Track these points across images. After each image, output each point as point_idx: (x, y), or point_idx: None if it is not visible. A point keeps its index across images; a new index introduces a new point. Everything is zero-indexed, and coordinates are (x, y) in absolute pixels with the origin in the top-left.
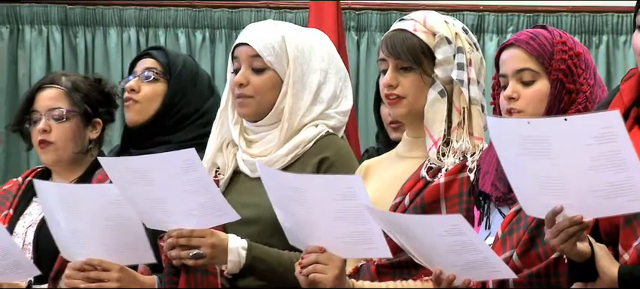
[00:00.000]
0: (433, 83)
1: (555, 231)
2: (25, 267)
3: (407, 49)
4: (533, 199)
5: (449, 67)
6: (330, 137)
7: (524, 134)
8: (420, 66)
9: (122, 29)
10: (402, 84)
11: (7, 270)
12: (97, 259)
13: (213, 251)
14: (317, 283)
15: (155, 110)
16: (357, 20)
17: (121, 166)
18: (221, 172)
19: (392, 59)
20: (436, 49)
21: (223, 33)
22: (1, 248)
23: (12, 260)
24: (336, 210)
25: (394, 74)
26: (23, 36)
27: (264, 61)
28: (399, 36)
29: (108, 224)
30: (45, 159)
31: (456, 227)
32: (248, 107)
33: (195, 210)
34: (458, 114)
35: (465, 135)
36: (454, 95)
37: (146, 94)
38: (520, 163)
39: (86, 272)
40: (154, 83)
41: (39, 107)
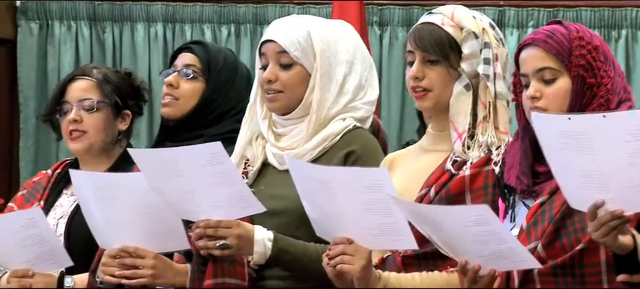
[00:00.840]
0: (459, 77)
1: (597, 225)
2: (59, 257)
3: (434, 42)
4: (576, 192)
5: (475, 62)
6: (357, 131)
7: (565, 129)
8: (446, 59)
9: (149, 24)
10: (428, 76)
11: (41, 258)
12: (133, 246)
13: (240, 241)
14: (344, 274)
15: (192, 107)
16: (380, 15)
17: (149, 158)
18: (250, 164)
19: (419, 52)
20: (463, 43)
21: (248, 28)
22: (38, 235)
23: (48, 247)
24: (363, 201)
25: (421, 66)
26: (52, 31)
27: (291, 56)
28: (427, 29)
29: (144, 211)
30: (75, 148)
31: (482, 218)
32: (278, 102)
33: (221, 201)
34: (483, 108)
35: (490, 129)
36: (480, 89)
37: (184, 91)
38: (563, 157)
39: (121, 259)
40: (193, 81)
41: (70, 98)
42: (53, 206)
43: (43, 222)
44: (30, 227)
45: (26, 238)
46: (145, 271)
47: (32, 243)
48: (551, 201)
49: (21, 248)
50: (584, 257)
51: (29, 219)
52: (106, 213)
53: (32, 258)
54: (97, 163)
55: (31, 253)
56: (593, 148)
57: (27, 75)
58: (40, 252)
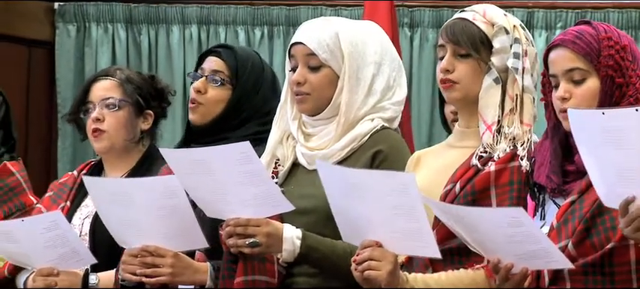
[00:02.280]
0: (489, 70)
1: (628, 221)
2: (83, 256)
3: (466, 36)
4: (609, 189)
5: (505, 56)
6: (385, 131)
7: (600, 124)
8: (477, 53)
9: (184, 26)
10: (458, 69)
11: (65, 258)
12: (153, 246)
13: (269, 239)
14: (372, 280)
15: (218, 113)
16: (410, 17)
17: (181, 157)
18: (280, 164)
19: (450, 45)
20: (494, 38)
21: (281, 29)
22: (61, 236)
23: (70, 248)
24: (391, 205)
25: (451, 59)
26: (90, 33)
27: (320, 58)
28: (459, 24)
29: (159, 214)
30: (98, 147)
31: (517, 220)
32: (307, 103)
33: (251, 200)
34: (510, 101)
35: (516, 122)
36: (508, 83)
37: (211, 98)
38: (597, 154)
39: (142, 258)
40: (220, 88)
41: (93, 97)
42: (79, 206)
43: (65, 224)
44: (53, 229)
45: (50, 239)
46: (164, 269)
47: (56, 244)
48: (581, 200)
49: (46, 249)
50: (614, 256)
51: (51, 222)
52: (123, 216)
53: (57, 258)
54: (119, 162)
55: (55, 253)
56: (626, 143)
57: (65, 76)
58: (64, 252)
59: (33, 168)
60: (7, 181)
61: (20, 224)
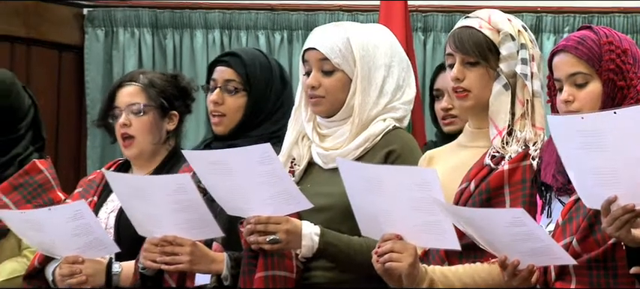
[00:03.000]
0: (498, 77)
1: (610, 220)
2: (107, 244)
3: (473, 45)
4: (591, 191)
5: (513, 62)
6: (397, 131)
7: (579, 129)
8: (485, 60)
9: (207, 31)
10: (468, 77)
11: (90, 247)
12: (172, 235)
13: (288, 236)
14: (393, 271)
15: (239, 120)
16: (424, 21)
17: (202, 158)
18: (296, 163)
19: (459, 54)
20: (501, 45)
21: (300, 34)
22: (86, 225)
23: (94, 237)
24: (411, 199)
25: (461, 68)
26: (117, 38)
27: (333, 63)
28: (466, 32)
29: (175, 207)
30: (128, 154)
31: (518, 220)
32: (321, 106)
33: (270, 198)
34: (521, 105)
35: (528, 126)
36: (518, 88)
37: (230, 107)
38: (577, 157)
39: (162, 247)
40: (235, 95)
41: (119, 103)
42: (105, 201)
43: (89, 214)
44: (78, 218)
45: (75, 228)
46: (182, 258)
47: (81, 233)
48: None
49: (72, 237)
50: (616, 251)
51: (76, 211)
52: (143, 209)
53: (82, 246)
54: (146, 163)
55: (80, 241)
56: (605, 145)
57: (93, 79)
58: (88, 241)
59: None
60: (36, 178)
61: (47, 213)
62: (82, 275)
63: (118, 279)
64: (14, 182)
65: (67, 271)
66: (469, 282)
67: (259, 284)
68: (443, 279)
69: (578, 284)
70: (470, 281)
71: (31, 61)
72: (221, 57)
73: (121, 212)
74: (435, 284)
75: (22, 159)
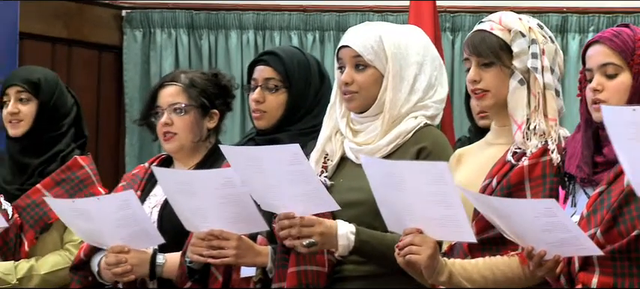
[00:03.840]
0: (513, 74)
1: None
2: (152, 235)
3: (486, 47)
4: None
5: (525, 58)
6: (428, 128)
7: (630, 120)
8: (499, 60)
9: (242, 31)
10: (484, 78)
11: (135, 237)
12: (218, 230)
13: (323, 238)
14: (413, 263)
15: (281, 116)
16: (452, 22)
17: (237, 154)
18: (330, 158)
19: (474, 57)
20: (512, 43)
21: (332, 34)
22: (132, 215)
23: (140, 227)
24: (429, 193)
25: (477, 70)
26: (154, 38)
27: (365, 60)
28: (478, 36)
29: (221, 202)
30: (168, 148)
31: (550, 210)
32: (355, 101)
33: (299, 197)
34: (534, 98)
35: (540, 117)
36: (531, 82)
37: (272, 105)
38: (629, 147)
39: (208, 241)
40: (276, 93)
41: (162, 103)
42: (148, 196)
43: (136, 204)
44: (124, 208)
45: (121, 218)
46: (229, 251)
47: (127, 223)
48: (610, 190)
49: (117, 228)
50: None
51: (123, 201)
52: (190, 204)
53: (127, 236)
54: (187, 159)
55: (126, 232)
56: None
57: (132, 78)
58: (134, 231)
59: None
60: (77, 174)
61: (96, 203)
62: (127, 264)
63: (162, 270)
64: (57, 177)
65: (113, 260)
66: (488, 275)
67: (291, 279)
68: (462, 272)
69: (602, 275)
70: (489, 273)
71: (71, 61)
72: (260, 56)
73: (163, 206)
74: (454, 276)
75: (64, 156)
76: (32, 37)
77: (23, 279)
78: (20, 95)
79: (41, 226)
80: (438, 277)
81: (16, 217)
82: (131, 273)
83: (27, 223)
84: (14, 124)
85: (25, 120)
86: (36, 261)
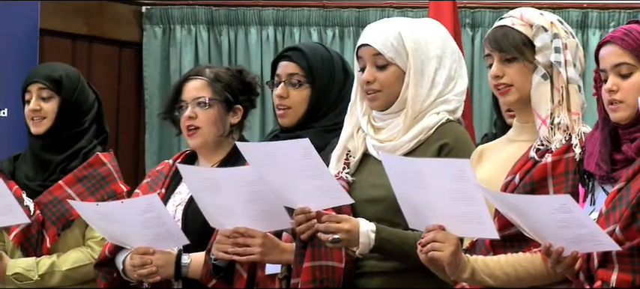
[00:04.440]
0: (535, 69)
1: None
2: (176, 236)
3: (509, 42)
4: None
5: (548, 52)
6: (450, 124)
7: None
8: (522, 55)
9: (261, 28)
10: (507, 73)
11: (160, 238)
12: (243, 227)
13: (348, 235)
14: (435, 260)
15: (304, 111)
16: (472, 17)
17: (253, 150)
18: (352, 155)
19: (496, 53)
20: (535, 38)
21: (351, 30)
22: (156, 217)
23: (165, 228)
24: (450, 190)
25: (499, 66)
26: (174, 34)
27: (386, 57)
28: (500, 31)
29: (247, 199)
30: (192, 143)
31: (565, 206)
32: (378, 100)
33: (314, 191)
34: (557, 93)
35: (563, 111)
36: (554, 76)
37: (295, 100)
38: None
39: (234, 239)
40: (299, 88)
41: (186, 97)
42: (173, 193)
43: (160, 206)
44: (149, 211)
45: (146, 220)
46: (254, 249)
47: (152, 225)
48: (628, 187)
49: (143, 229)
50: None
51: (148, 204)
52: (215, 201)
53: (153, 238)
54: (211, 154)
55: (151, 233)
56: None
57: (151, 74)
58: (159, 233)
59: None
60: (99, 171)
61: (120, 206)
62: (152, 265)
63: (187, 270)
64: (79, 174)
65: (138, 261)
66: (510, 271)
67: (306, 273)
68: (484, 268)
69: (621, 272)
70: (511, 270)
71: (92, 58)
72: (284, 52)
73: (188, 204)
74: (477, 273)
75: (86, 152)
76: (53, 33)
77: (45, 275)
78: (42, 93)
79: (63, 223)
80: (460, 274)
81: (38, 213)
82: (156, 274)
83: (49, 220)
84: (36, 122)
85: (47, 118)
86: (57, 258)
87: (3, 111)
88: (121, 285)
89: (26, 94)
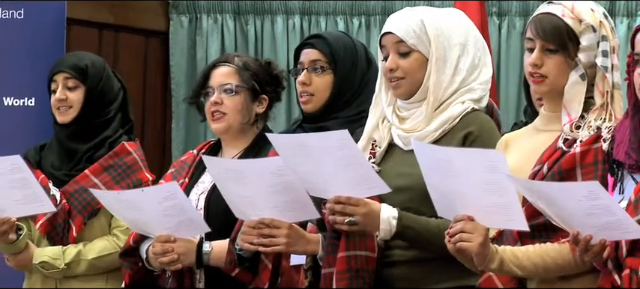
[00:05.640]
0: (575, 66)
1: None
2: (198, 224)
3: (554, 33)
4: None
5: (592, 53)
6: (475, 113)
7: None
8: (565, 49)
9: (288, 17)
10: (546, 64)
11: (181, 226)
12: (269, 218)
13: (366, 219)
14: (464, 250)
15: (327, 98)
16: (499, 6)
17: (285, 142)
18: (377, 145)
19: (539, 40)
20: (581, 36)
21: (378, 19)
22: (178, 206)
23: (186, 216)
24: (481, 181)
25: (540, 54)
26: (201, 24)
27: (408, 44)
28: (548, 19)
29: (272, 190)
30: (216, 128)
31: (593, 193)
32: (401, 88)
33: (349, 181)
34: (601, 96)
35: (606, 116)
36: (598, 79)
37: (318, 86)
38: None
39: (259, 229)
40: (322, 74)
41: (213, 83)
42: (196, 182)
43: (181, 194)
44: (170, 199)
45: (167, 208)
46: (280, 240)
47: (173, 213)
48: None
49: (164, 218)
50: None
51: (168, 192)
52: (240, 192)
53: (174, 226)
54: (235, 142)
55: (172, 221)
56: None
57: (178, 63)
58: (180, 221)
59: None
60: (125, 160)
61: (141, 194)
62: (173, 253)
63: (208, 258)
64: (104, 163)
65: (159, 249)
66: (538, 261)
67: (341, 263)
68: (513, 259)
69: None
70: (539, 260)
71: (118, 47)
72: (306, 40)
73: (210, 193)
74: (505, 263)
75: (111, 141)
76: (79, 23)
77: (71, 264)
78: (68, 82)
79: (89, 211)
80: (488, 264)
81: (64, 202)
82: (178, 262)
83: (75, 209)
84: (62, 111)
85: (73, 107)
86: (84, 246)
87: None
88: (145, 275)
89: (52, 84)
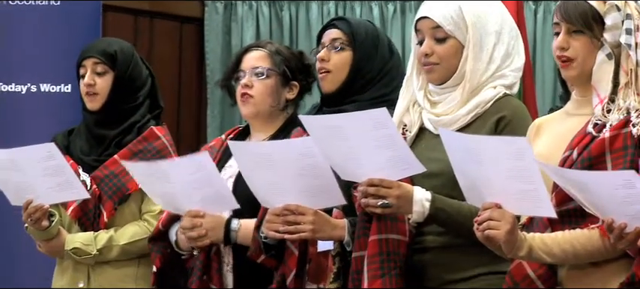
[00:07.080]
0: (601, 46)
1: None
2: (227, 199)
3: (578, 15)
4: None
5: (617, 32)
6: (507, 98)
7: None
8: (590, 30)
9: (322, 3)
10: (572, 46)
11: (210, 200)
12: (294, 204)
13: (399, 201)
14: (492, 238)
15: (345, 77)
16: None
17: (317, 124)
18: (408, 130)
19: (564, 23)
20: (606, 15)
21: (413, 5)
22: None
23: (214, 190)
24: (508, 168)
25: (566, 37)
26: (236, 10)
27: (445, 30)
28: (572, 2)
29: (300, 173)
30: (245, 111)
31: (629, 182)
32: (435, 73)
33: (384, 163)
34: (625, 75)
35: (632, 95)
36: (622, 58)
37: (335, 63)
38: None
39: (284, 217)
40: (341, 52)
41: (244, 66)
42: (224, 167)
43: (211, 166)
44: (200, 170)
45: (196, 180)
46: (305, 226)
47: (201, 185)
48: None
49: (193, 190)
50: None
51: (198, 163)
52: (265, 178)
53: (202, 200)
54: (264, 127)
55: (201, 194)
56: None
57: (213, 50)
58: (208, 194)
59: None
60: (154, 144)
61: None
62: (202, 228)
63: (236, 235)
64: (133, 148)
65: (188, 223)
66: (568, 248)
67: (373, 246)
68: (542, 246)
69: None
70: (569, 246)
71: (154, 33)
72: (329, 22)
73: (238, 177)
74: (534, 250)
75: (140, 126)
76: (115, 9)
77: (103, 250)
78: (96, 68)
79: (119, 197)
80: (517, 251)
81: (95, 188)
82: (206, 238)
83: (105, 194)
84: (91, 97)
85: (100, 94)
86: (115, 232)
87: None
88: (174, 258)
89: (81, 69)
